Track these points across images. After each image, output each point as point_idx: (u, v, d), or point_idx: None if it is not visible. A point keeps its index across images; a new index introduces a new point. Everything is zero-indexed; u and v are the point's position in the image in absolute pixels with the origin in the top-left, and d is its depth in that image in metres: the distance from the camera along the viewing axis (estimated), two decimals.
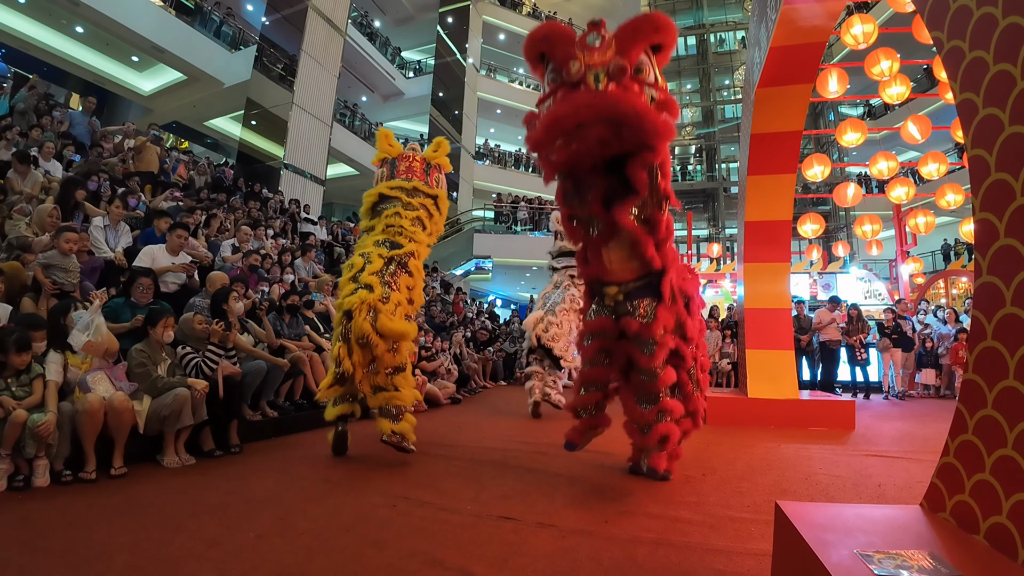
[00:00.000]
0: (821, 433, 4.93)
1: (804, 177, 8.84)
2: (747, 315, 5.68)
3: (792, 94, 5.13)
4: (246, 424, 4.07)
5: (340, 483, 2.99)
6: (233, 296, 4.27)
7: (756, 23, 5.47)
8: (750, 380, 5.51)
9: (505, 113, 23.91)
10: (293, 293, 5.59)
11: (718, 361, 8.59)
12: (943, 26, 1.75)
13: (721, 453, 4.02)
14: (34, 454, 2.75)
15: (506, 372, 10.59)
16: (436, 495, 2.76)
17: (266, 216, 9.04)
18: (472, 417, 5.87)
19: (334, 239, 10.95)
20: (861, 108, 21.07)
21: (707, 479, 3.18)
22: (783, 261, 5.70)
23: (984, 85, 1.56)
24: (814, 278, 11.96)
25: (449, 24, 21.03)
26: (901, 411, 7.00)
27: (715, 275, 13.10)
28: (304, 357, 4.92)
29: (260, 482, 3.00)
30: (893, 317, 8.64)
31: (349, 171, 18.78)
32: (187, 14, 13.50)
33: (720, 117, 25.22)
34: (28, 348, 2.91)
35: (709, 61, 25.66)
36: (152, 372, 3.34)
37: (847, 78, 7.97)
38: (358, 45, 17.54)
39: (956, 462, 1.65)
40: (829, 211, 20.48)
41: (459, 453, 3.87)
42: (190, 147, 16.13)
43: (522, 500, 2.70)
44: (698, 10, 26.24)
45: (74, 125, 7.94)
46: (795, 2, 4.16)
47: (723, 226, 23.78)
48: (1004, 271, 1.48)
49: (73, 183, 5.28)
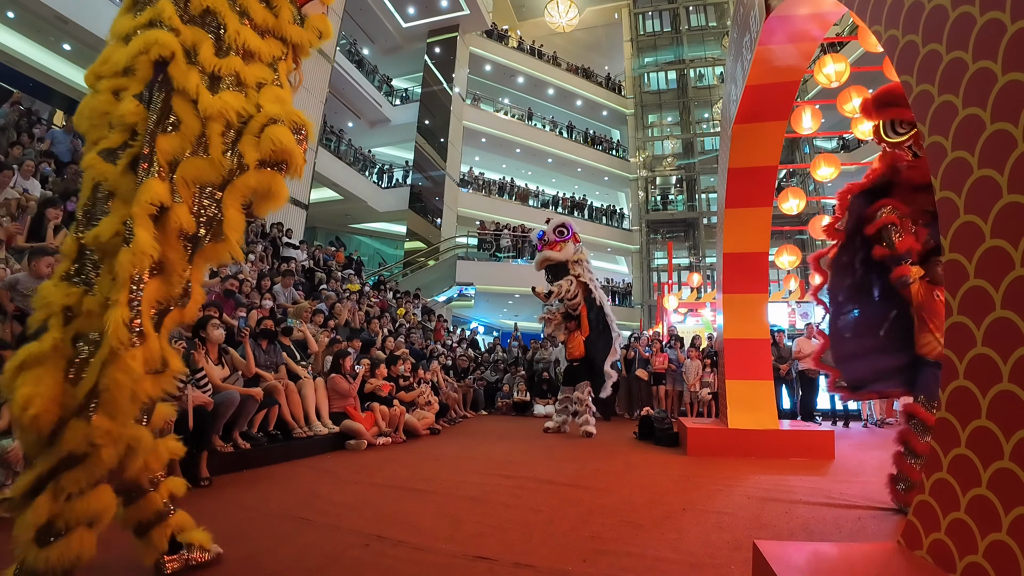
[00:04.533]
0: (801, 463, 4.93)
1: (780, 209, 9.03)
2: (727, 346, 5.71)
3: (767, 130, 5.28)
4: (217, 456, 3.93)
5: (312, 520, 2.88)
6: (212, 324, 4.20)
7: (733, 61, 5.64)
8: (730, 410, 5.51)
9: (489, 142, 24.21)
10: (271, 319, 5.49)
11: (698, 391, 8.61)
12: (912, 70, 1.80)
13: (701, 485, 3.98)
14: (2, 482, 2.63)
15: (487, 401, 10.47)
16: (410, 533, 2.67)
17: (246, 240, 8.94)
18: (451, 449, 5.77)
19: (315, 264, 10.85)
20: (836, 142, 21.78)
21: (687, 514, 3.14)
22: (761, 292, 5.77)
23: (953, 128, 1.60)
24: (792, 307, 12.14)
25: (436, 54, 21.39)
26: (880, 439, 7.05)
27: (696, 304, 13.23)
28: (279, 386, 4.81)
29: (229, 518, 2.88)
30: None
31: (333, 196, 18.75)
32: None
33: (700, 149, 25.84)
34: None
35: (689, 95, 26.41)
36: None
37: (820, 115, 8.22)
38: (346, 72, 17.70)
39: (931, 500, 1.64)
40: (805, 241, 20.96)
41: (436, 487, 3.78)
42: None
43: (499, 538, 2.63)
44: (679, 46, 27.11)
45: (56, 143, 7.81)
46: (770, 43, 4.31)
47: (703, 255, 24.15)
48: (974, 312, 1.50)
49: (49, 203, 5.18)
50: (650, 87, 27.22)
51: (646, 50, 27.60)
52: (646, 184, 25.96)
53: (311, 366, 5.78)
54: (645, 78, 27.24)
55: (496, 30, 24.23)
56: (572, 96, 26.67)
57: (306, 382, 5.26)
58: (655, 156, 26.67)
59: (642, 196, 25.72)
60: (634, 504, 3.39)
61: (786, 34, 4.20)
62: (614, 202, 28.06)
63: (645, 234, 25.04)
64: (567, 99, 26.80)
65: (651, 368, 9.31)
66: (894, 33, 1.90)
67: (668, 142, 26.92)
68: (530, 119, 24.83)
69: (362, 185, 19.24)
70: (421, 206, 20.23)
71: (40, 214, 5.03)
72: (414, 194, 19.87)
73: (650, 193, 26.04)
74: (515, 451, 5.63)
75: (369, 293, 11.08)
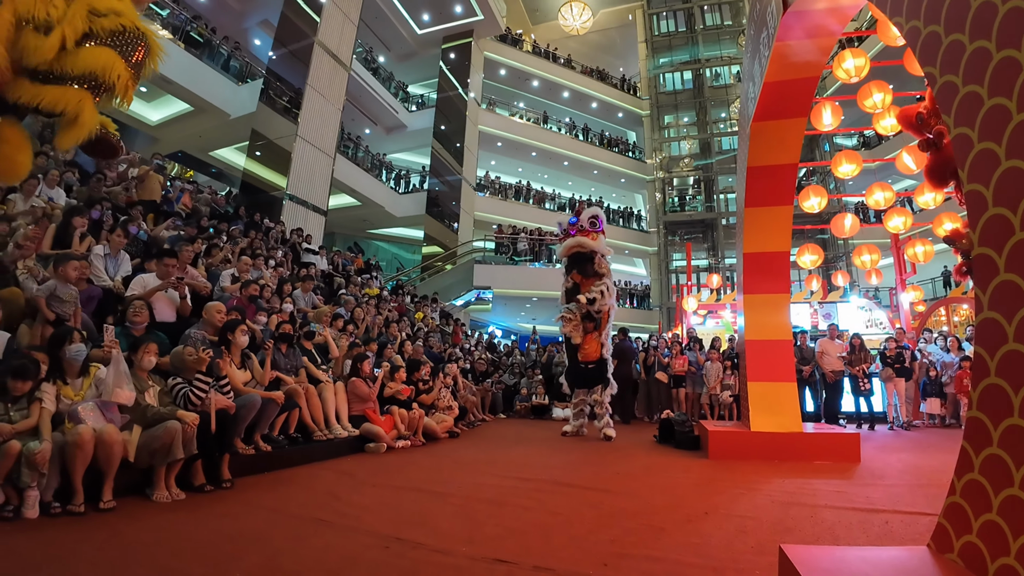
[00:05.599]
0: (826, 467, 4.82)
1: (801, 208, 8.89)
2: (748, 347, 5.63)
3: (787, 128, 5.20)
4: (238, 458, 3.99)
5: (332, 522, 2.90)
6: (241, 329, 4.28)
7: (750, 59, 5.58)
8: (752, 413, 5.42)
9: (505, 145, 24.29)
10: (290, 323, 5.56)
11: (719, 393, 8.49)
12: (936, 61, 1.76)
13: (724, 489, 3.92)
14: (28, 483, 2.70)
15: (505, 404, 10.47)
16: (429, 535, 2.67)
17: (267, 246, 9.08)
18: (469, 452, 5.77)
19: (335, 269, 10.97)
20: (856, 139, 21.39)
21: (709, 518, 3.09)
22: (783, 292, 5.68)
23: (979, 119, 1.56)
24: (815, 308, 11.93)
25: (451, 60, 21.54)
26: (906, 442, 6.88)
27: (715, 305, 13.08)
28: (299, 390, 4.86)
29: (250, 520, 2.91)
30: (895, 346, 8.58)
31: (351, 202, 18.98)
32: (195, 47, 13.83)
33: (717, 149, 25.60)
34: (29, 376, 2.89)
35: (705, 95, 26.19)
36: (141, 401, 3.30)
37: (841, 111, 8.09)
38: (362, 79, 17.94)
39: (963, 502, 1.60)
40: (827, 240, 20.60)
41: (455, 490, 3.78)
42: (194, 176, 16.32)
43: (518, 541, 2.62)
44: (694, 46, 26.92)
45: (80, 154, 8.03)
46: (788, 39, 4.25)
47: (722, 256, 23.87)
48: (1005, 307, 1.45)
49: (75, 211, 5.32)
50: (666, 88, 27.06)
51: (661, 51, 27.45)
52: (663, 185, 25.77)
53: (331, 370, 5.84)
54: (660, 79, 27.08)
55: (510, 34, 24.33)
56: (587, 98, 26.64)
57: (326, 386, 5.31)
58: (672, 157, 26.46)
59: (659, 197, 25.54)
60: (655, 507, 3.35)
61: (804, 29, 4.14)
62: (631, 204, 27.93)
63: (663, 236, 24.84)
64: (582, 102, 26.77)
65: (671, 371, 9.22)
66: (915, 24, 1.86)
67: (685, 143, 26.71)
68: (545, 122, 24.85)
69: (379, 191, 19.44)
70: (438, 211, 20.36)
71: (66, 222, 5.16)
72: (431, 199, 20.00)
73: (667, 194, 25.84)
74: (534, 454, 5.61)
75: (388, 298, 11.16)
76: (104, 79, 1.47)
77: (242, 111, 14.20)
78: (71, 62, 1.44)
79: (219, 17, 16.51)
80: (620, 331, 9.54)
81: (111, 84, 1.48)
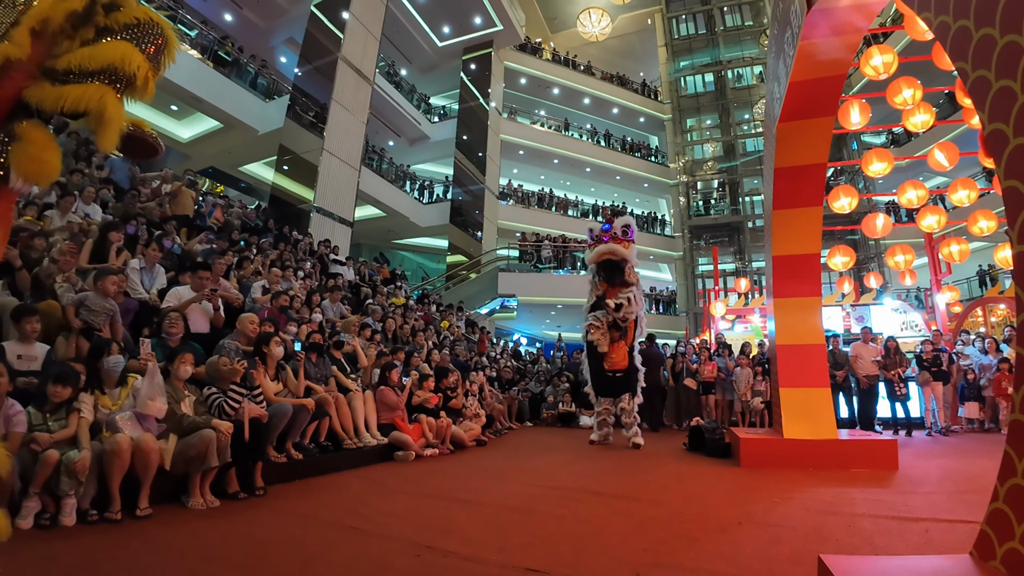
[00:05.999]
0: (862, 474, 4.68)
1: (831, 209, 8.70)
2: (779, 352, 5.51)
3: (814, 127, 5.11)
4: (270, 466, 4.06)
5: (363, 529, 2.93)
6: (275, 341, 4.40)
7: (774, 58, 5.51)
8: (785, 420, 5.30)
9: (527, 154, 24.39)
10: (320, 333, 5.66)
11: (750, 400, 8.32)
12: (967, 57, 1.72)
13: (757, 497, 3.84)
14: (67, 492, 2.79)
15: (532, 412, 10.43)
16: (460, 543, 2.68)
17: (296, 258, 9.27)
18: (497, 460, 5.77)
19: (361, 279, 11.14)
20: (884, 136, 20.86)
21: (743, 527, 3.03)
22: (814, 295, 5.55)
23: (1013, 114, 1.52)
24: (847, 311, 11.62)
25: (472, 70, 21.76)
26: (945, 448, 6.66)
27: (744, 310, 12.85)
28: (329, 398, 4.93)
29: (282, 527, 2.97)
30: (932, 349, 8.30)
31: (376, 213, 19.26)
32: (224, 66, 14.27)
33: (742, 151, 25.26)
34: (70, 382, 3.00)
35: (728, 97, 25.89)
36: (177, 410, 3.40)
37: (869, 109, 7.92)
38: (385, 93, 18.24)
39: (1006, 508, 1.54)
40: (858, 241, 20.08)
41: (484, 498, 3.78)
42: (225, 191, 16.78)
43: (549, 550, 2.61)
44: (714, 48, 26.69)
45: (115, 171, 8.32)
46: (813, 37, 4.19)
47: (750, 259, 23.48)
48: None
49: (111, 227, 5.51)
50: (687, 91, 26.85)
51: (681, 54, 27.27)
52: (687, 189, 25.51)
53: (360, 379, 5.91)
54: (681, 82, 26.89)
55: (529, 43, 24.49)
56: (608, 104, 26.60)
57: (355, 394, 5.38)
58: (695, 160, 26.19)
59: (683, 202, 25.28)
60: (686, 516, 3.29)
61: (829, 27, 4.07)
62: (655, 209, 27.71)
63: (688, 240, 24.56)
64: (603, 108, 26.74)
65: (699, 377, 9.07)
66: (945, 19, 1.82)
67: (708, 145, 26.42)
68: (567, 129, 24.88)
69: (404, 201, 19.70)
70: (462, 220, 20.52)
71: (102, 237, 5.35)
72: (454, 208, 20.17)
73: (692, 198, 25.57)
74: (561, 462, 5.58)
75: (413, 307, 11.27)
76: (123, 70, 1.45)
77: (270, 127, 14.59)
78: (89, 58, 1.44)
79: (246, 36, 17.03)
80: (647, 337, 9.44)
81: (131, 75, 1.46)
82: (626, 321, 6.84)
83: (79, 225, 5.64)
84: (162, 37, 1.55)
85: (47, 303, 3.91)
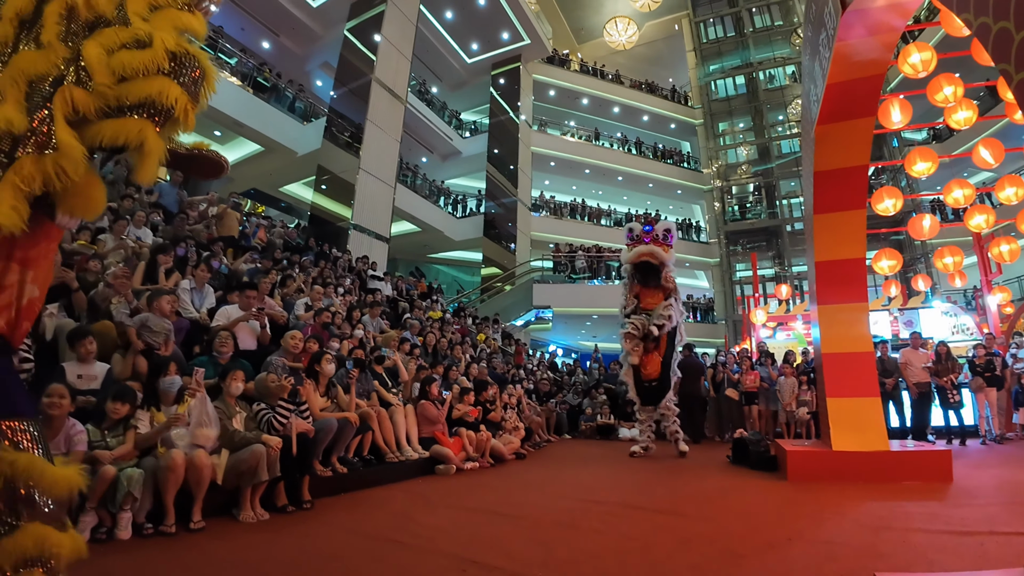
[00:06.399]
0: (916, 487, 4.48)
1: (874, 211, 8.43)
2: (825, 361, 5.35)
3: (854, 128, 4.98)
4: (317, 479, 4.17)
5: (407, 544, 2.98)
6: (327, 358, 4.55)
7: (809, 59, 5.41)
8: (833, 431, 5.12)
9: (558, 165, 24.42)
10: (361, 348, 5.79)
11: (795, 410, 8.07)
12: (1010, 58, 1.68)
13: (806, 513, 3.73)
14: (123, 506, 2.90)
15: (570, 424, 10.36)
16: (504, 558, 2.69)
17: (336, 274, 9.50)
18: (537, 474, 5.76)
19: (399, 294, 11.32)
20: (926, 133, 20.09)
21: (793, 544, 2.94)
22: (860, 300, 5.37)
23: None
24: (895, 315, 11.17)
25: (501, 85, 22.00)
26: (1000, 457, 6.35)
27: (785, 317, 12.50)
28: (372, 413, 5.03)
29: (328, 540, 3.04)
30: (985, 353, 7.90)
31: (412, 228, 19.59)
32: (263, 91, 14.86)
33: (777, 152, 24.68)
34: (128, 400, 3.16)
35: (760, 98, 25.39)
36: (229, 426, 3.53)
37: (910, 107, 7.68)
38: (417, 111, 18.62)
39: None
40: (903, 242, 19.31)
41: (525, 512, 3.78)
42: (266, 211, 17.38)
43: (594, 566, 2.59)
44: (744, 50, 26.26)
45: (163, 195, 8.71)
46: (848, 38, 4.10)
47: (789, 264, 22.84)
48: None
49: (160, 249, 5.77)
50: (718, 94, 26.47)
51: (711, 57, 26.93)
52: (722, 194, 25.05)
53: (401, 393, 6.01)
54: (712, 86, 26.54)
55: (557, 55, 24.61)
56: (638, 112, 26.45)
57: (397, 409, 5.47)
58: (729, 165, 25.72)
59: (718, 207, 24.83)
60: (733, 532, 3.22)
61: (865, 27, 3.99)
62: (689, 215, 27.28)
63: (724, 246, 24.07)
64: (633, 115, 26.60)
65: (741, 387, 8.85)
66: (985, 20, 1.78)
67: (742, 149, 25.92)
68: (597, 139, 24.83)
69: (438, 216, 19.97)
70: (495, 233, 20.67)
71: (153, 259, 5.61)
72: (488, 221, 20.35)
73: (727, 203, 25.08)
74: (602, 475, 5.53)
75: (450, 320, 11.39)
76: (160, 103, 1.45)
77: (308, 148, 15.07)
78: (125, 92, 1.44)
79: (283, 63, 17.68)
80: (685, 347, 9.26)
81: (169, 107, 1.46)
82: (662, 330, 6.77)
83: (132, 248, 5.93)
84: (199, 69, 1.55)
85: (102, 323, 4.11)
